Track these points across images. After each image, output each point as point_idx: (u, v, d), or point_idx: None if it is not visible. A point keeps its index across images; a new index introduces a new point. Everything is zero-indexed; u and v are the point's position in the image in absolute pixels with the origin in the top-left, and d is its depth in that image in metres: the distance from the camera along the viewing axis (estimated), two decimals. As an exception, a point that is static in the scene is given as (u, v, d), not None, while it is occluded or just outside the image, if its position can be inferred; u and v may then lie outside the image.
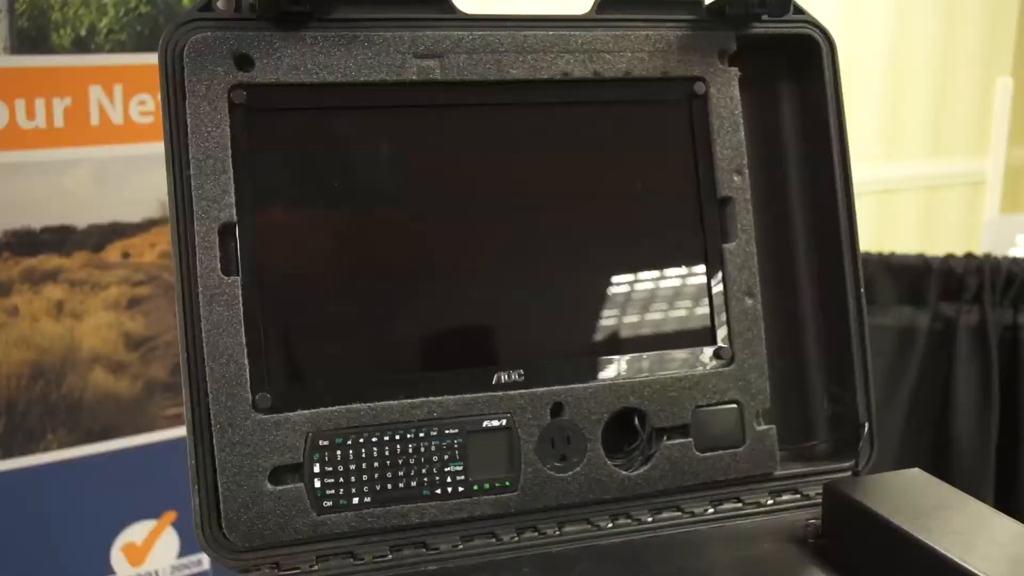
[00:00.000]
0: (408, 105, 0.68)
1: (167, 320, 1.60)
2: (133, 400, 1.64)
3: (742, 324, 0.73)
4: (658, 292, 0.73)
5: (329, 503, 0.64)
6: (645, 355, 0.71)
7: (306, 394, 0.65)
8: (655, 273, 0.73)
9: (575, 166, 0.72)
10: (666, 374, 0.71)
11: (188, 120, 0.63)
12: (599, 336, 0.71)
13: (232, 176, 0.64)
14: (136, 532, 1.73)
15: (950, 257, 1.52)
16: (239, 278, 0.64)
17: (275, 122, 0.66)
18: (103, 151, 1.47)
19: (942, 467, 1.49)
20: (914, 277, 1.53)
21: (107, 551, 1.71)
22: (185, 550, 1.77)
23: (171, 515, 1.74)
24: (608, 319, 0.71)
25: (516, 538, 0.67)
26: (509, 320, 0.70)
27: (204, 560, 1.78)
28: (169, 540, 1.76)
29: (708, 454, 0.71)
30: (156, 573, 1.76)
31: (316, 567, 0.64)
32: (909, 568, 0.60)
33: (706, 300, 0.73)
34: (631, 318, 0.72)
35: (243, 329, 0.63)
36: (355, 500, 0.65)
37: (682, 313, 0.73)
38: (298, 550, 0.64)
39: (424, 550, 0.66)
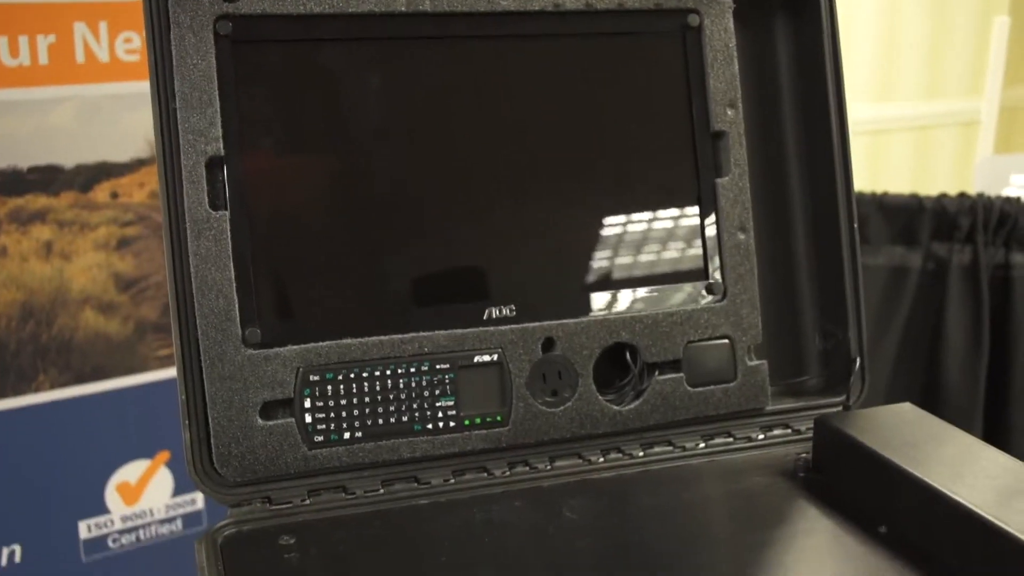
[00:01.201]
0: (397, 37, 0.67)
1: (157, 261, 1.59)
2: (124, 341, 1.64)
3: (734, 259, 0.72)
4: (650, 227, 0.72)
5: (320, 438, 0.64)
6: (637, 290, 0.71)
7: (296, 329, 0.65)
8: (648, 208, 0.72)
9: (567, 100, 0.71)
10: (658, 309, 0.71)
11: (173, 52, 0.62)
12: (591, 271, 0.71)
13: (219, 109, 0.63)
14: (130, 472, 1.73)
15: (943, 197, 1.51)
16: (227, 212, 0.63)
17: (261, 54, 0.65)
18: (89, 89, 1.45)
19: (931, 406, 1.50)
20: (907, 217, 1.53)
21: (101, 491, 1.71)
22: (179, 489, 1.78)
23: (164, 455, 1.74)
24: (600, 255, 0.71)
25: (507, 472, 0.68)
26: (500, 256, 0.70)
27: (198, 499, 1.79)
28: (163, 480, 1.77)
29: (699, 389, 0.71)
30: (151, 512, 1.77)
31: (308, 501, 0.64)
32: (899, 500, 0.61)
33: (698, 235, 0.72)
34: (623, 253, 0.71)
35: (232, 264, 0.63)
36: (346, 435, 0.65)
37: (674, 248, 0.72)
38: (290, 484, 0.64)
39: (416, 484, 0.66)
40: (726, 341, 0.72)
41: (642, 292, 0.71)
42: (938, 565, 0.57)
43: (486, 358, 0.67)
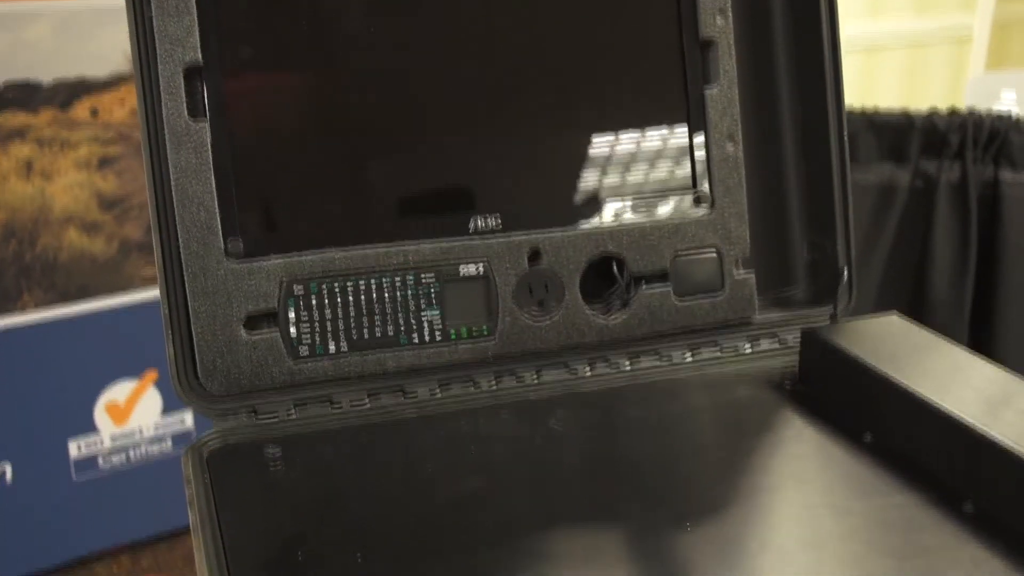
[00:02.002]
0: (379, -59, 0.65)
1: (140, 180, 1.58)
2: (108, 260, 1.63)
3: (723, 170, 0.71)
4: (638, 138, 0.71)
5: (305, 350, 0.64)
6: (624, 202, 0.70)
7: (279, 241, 0.64)
8: (635, 119, 0.71)
9: (554, 9, 0.69)
10: (645, 220, 0.70)
11: None
12: (578, 183, 0.70)
13: (196, 16, 0.61)
14: (118, 391, 1.74)
15: (933, 113, 1.50)
16: (207, 123, 0.62)
17: (239, -43, 0.63)
18: (65, 4, 1.42)
19: (918, 320, 1.50)
20: (896, 134, 1.52)
21: (90, 411, 1.72)
22: (168, 408, 1.78)
23: (152, 374, 1.75)
24: (587, 165, 0.70)
25: (494, 385, 0.67)
26: (486, 167, 0.69)
27: (187, 418, 1.80)
28: (152, 399, 1.77)
29: (687, 301, 0.71)
30: (140, 431, 1.78)
31: (293, 413, 0.64)
32: (885, 410, 0.61)
33: (687, 146, 0.71)
34: (610, 165, 0.70)
35: (212, 175, 0.62)
36: (331, 347, 0.64)
37: (662, 160, 0.71)
38: (275, 397, 0.64)
39: (402, 396, 0.66)
40: (714, 253, 0.71)
41: (629, 204, 0.70)
42: (923, 473, 0.57)
43: (472, 270, 0.66)
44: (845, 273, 0.73)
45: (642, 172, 0.71)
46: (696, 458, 0.62)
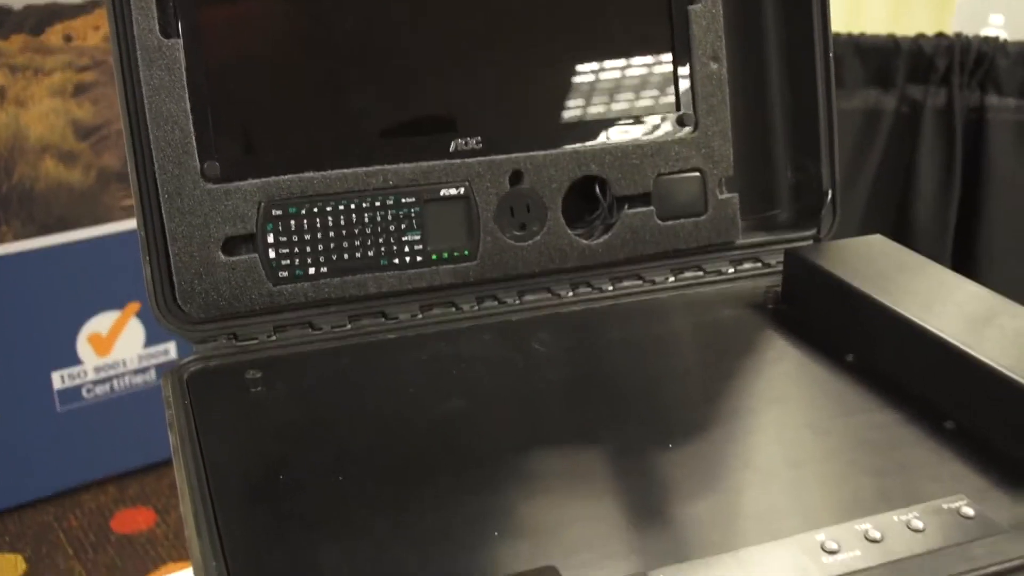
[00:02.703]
0: None
1: (117, 107, 1.55)
2: (87, 190, 1.61)
3: (706, 89, 0.70)
4: (621, 57, 0.70)
5: (284, 273, 0.63)
6: (607, 122, 0.69)
7: (257, 163, 0.63)
8: (619, 38, 0.70)
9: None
10: (628, 141, 0.69)
11: None
12: (559, 103, 0.69)
13: None
14: (100, 323, 1.73)
15: (920, 37, 1.48)
16: (180, 40, 0.60)
17: None
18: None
19: (902, 244, 1.50)
20: (883, 58, 1.50)
21: (73, 342, 1.71)
22: (151, 340, 1.78)
23: (134, 306, 1.74)
24: (569, 86, 0.69)
25: (476, 307, 0.67)
26: (468, 88, 0.68)
27: (171, 349, 1.80)
28: (134, 330, 1.77)
29: (669, 223, 0.70)
30: (123, 363, 1.78)
31: (274, 337, 0.63)
32: (867, 329, 0.61)
33: (670, 64, 0.70)
34: (593, 84, 0.69)
35: (186, 94, 0.60)
36: (311, 270, 0.64)
37: (645, 79, 0.70)
38: (255, 321, 0.64)
39: (383, 319, 0.65)
40: (697, 174, 0.71)
41: (612, 124, 0.69)
42: (904, 392, 0.57)
43: (452, 191, 0.66)
44: (829, 195, 0.73)
45: (625, 92, 0.70)
46: (678, 379, 0.62)
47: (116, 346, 1.75)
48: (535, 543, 0.46)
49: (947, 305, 0.59)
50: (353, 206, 0.64)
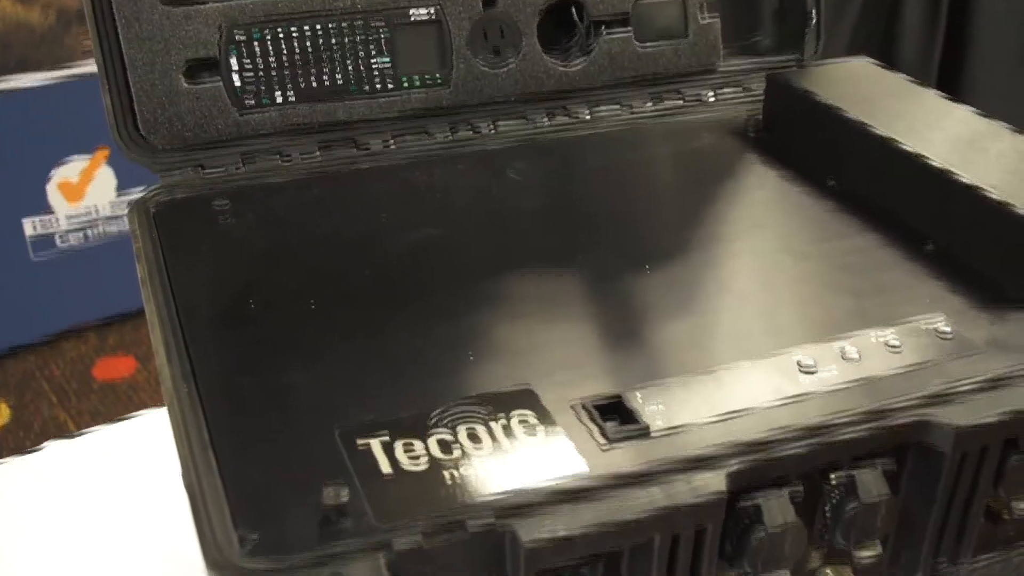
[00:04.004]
0: None
1: (73, -58, 1.49)
2: (47, 31, 1.56)
3: (689, -95, 0.67)
4: None
5: (251, 101, 0.61)
6: (584, -60, 0.66)
7: (217, -16, 0.60)
8: None
9: None
10: (606, -40, 0.66)
11: None
12: (534, -80, 0.65)
13: None
14: (70, 169, 1.70)
15: None
16: None
17: None
18: None
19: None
20: None
21: (43, 189, 1.69)
22: (123, 187, 1.76)
23: (104, 151, 1.71)
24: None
25: (450, 136, 0.65)
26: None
27: (143, 196, 1.77)
28: (105, 177, 1.74)
29: (649, 47, 0.68)
30: (96, 210, 1.75)
31: (242, 167, 0.62)
32: (851, 154, 0.59)
33: None
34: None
35: (139, -91, 0.57)
36: (278, 97, 0.61)
37: None
38: (222, 151, 0.62)
39: (354, 148, 0.64)
40: (678, -6, 0.68)
41: (589, -58, 0.66)
42: (885, 216, 0.56)
43: (423, 14, 0.63)
44: (813, 18, 0.70)
45: (603, -92, 0.67)
46: (656, 205, 0.61)
47: (87, 193, 1.72)
48: (510, 365, 0.45)
49: (932, 128, 0.58)
50: (319, 29, 0.61)
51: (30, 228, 1.69)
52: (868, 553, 0.45)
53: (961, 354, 0.46)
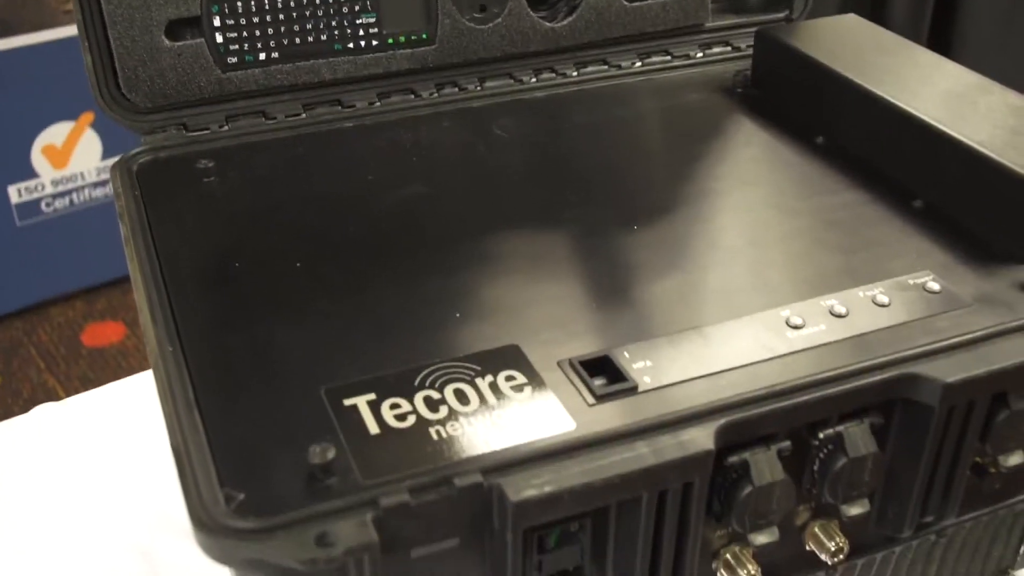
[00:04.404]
0: None
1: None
2: (27, -9, 1.54)
3: None
4: None
5: (234, 59, 0.60)
6: None
7: (198, -61, 0.59)
8: None
9: None
10: (593, -86, 0.65)
11: None
12: None
13: None
14: (54, 134, 1.68)
15: None
16: None
17: None
18: None
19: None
20: None
21: (27, 154, 1.67)
22: (108, 152, 1.74)
23: (88, 116, 1.69)
24: None
25: (435, 94, 0.64)
26: None
27: (128, 160, 1.76)
28: (90, 141, 1.72)
29: (636, 3, 0.67)
30: (81, 176, 1.74)
31: (226, 127, 0.61)
32: (840, 111, 0.59)
33: None
34: None
35: None
36: (261, 55, 0.61)
37: None
38: (206, 110, 0.61)
39: (339, 107, 0.63)
40: (666, -50, 0.67)
41: None
42: (874, 172, 0.56)
43: None
44: (803, -27, 0.70)
45: None
46: (644, 163, 0.60)
47: (73, 158, 1.71)
48: (497, 324, 0.45)
49: (921, 84, 0.58)
50: (302, -14, 0.60)
51: (15, 194, 1.67)
52: (856, 509, 0.45)
53: (949, 310, 0.46)
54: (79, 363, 1.72)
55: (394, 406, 0.39)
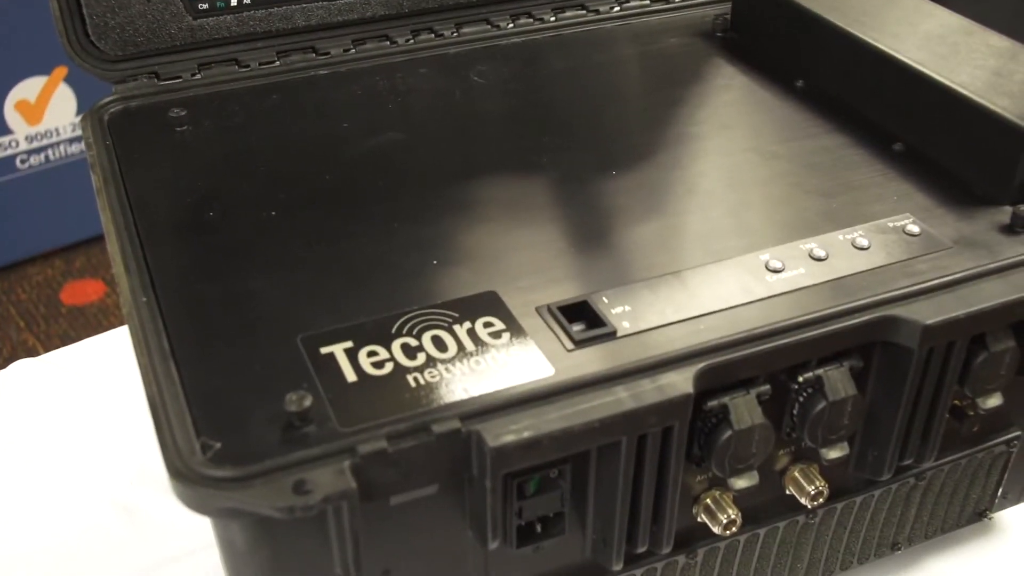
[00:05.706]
0: None
1: None
2: (-3, -57, 1.51)
3: None
4: None
5: (205, 5, 0.59)
6: None
7: None
8: None
9: None
10: None
11: None
12: None
13: None
14: (27, 89, 1.66)
15: None
16: None
17: None
18: None
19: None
20: None
21: (0, 110, 1.65)
22: (83, 107, 1.71)
23: (62, 71, 1.66)
24: None
25: (411, 40, 0.63)
26: None
27: (103, 115, 1.73)
28: (64, 97, 1.70)
29: (615, -54, 0.66)
30: (56, 132, 1.72)
31: (198, 75, 0.60)
32: (820, 53, 0.58)
33: None
34: None
35: None
36: (233, 1, 0.59)
37: None
38: (178, 58, 0.60)
39: (314, 55, 0.62)
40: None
41: None
42: (854, 116, 0.56)
43: None
44: (783, -85, 0.69)
45: None
46: (623, 108, 0.60)
47: (47, 114, 1.69)
48: (475, 270, 0.44)
49: (903, 26, 0.57)
50: (273, -66, 0.59)
51: (-11, 150, 1.65)
52: (835, 453, 0.45)
53: (929, 252, 0.46)
54: (59, 321, 1.71)
55: (371, 353, 0.39)
